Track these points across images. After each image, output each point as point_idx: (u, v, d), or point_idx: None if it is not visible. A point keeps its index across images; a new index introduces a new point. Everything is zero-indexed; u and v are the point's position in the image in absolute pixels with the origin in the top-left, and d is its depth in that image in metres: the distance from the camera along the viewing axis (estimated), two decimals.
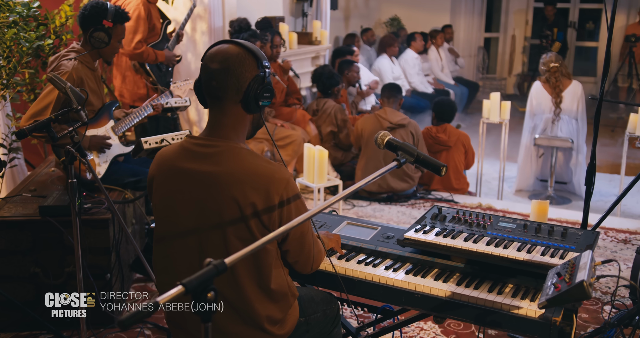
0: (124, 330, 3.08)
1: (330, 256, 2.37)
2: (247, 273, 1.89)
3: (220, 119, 1.92)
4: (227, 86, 1.85)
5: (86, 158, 2.67)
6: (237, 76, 1.85)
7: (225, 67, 1.84)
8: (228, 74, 1.84)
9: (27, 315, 3.20)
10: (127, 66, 4.63)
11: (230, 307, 1.91)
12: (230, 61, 1.85)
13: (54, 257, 3.21)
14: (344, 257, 2.38)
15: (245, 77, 1.85)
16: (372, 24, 11.01)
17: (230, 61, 1.85)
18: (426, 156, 1.86)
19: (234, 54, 1.86)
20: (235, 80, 1.85)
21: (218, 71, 1.85)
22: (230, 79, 1.85)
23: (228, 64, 1.84)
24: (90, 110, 3.46)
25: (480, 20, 11.71)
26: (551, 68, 5.90)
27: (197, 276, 1.26)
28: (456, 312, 2.12)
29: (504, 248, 2.22)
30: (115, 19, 3.44)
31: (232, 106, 1.89)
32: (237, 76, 1.85)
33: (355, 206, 5.34)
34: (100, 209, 3.24)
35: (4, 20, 3.72)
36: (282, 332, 1.98)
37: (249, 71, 1.85)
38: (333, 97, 5.99)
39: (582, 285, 1.68)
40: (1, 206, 3.30)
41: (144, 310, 1.17)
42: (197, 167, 1.89)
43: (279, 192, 1.85)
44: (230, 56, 1.85)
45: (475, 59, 11.69)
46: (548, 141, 6.07)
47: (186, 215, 1.91)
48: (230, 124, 1.92)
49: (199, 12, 5.75)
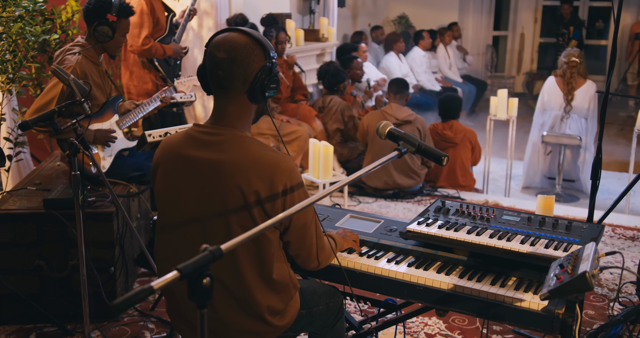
0: (118, 314, 3.06)
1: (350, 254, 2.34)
2: (249, 262, 1.88)
3: (225, 108, 1.90)
4: (234, 76, 1.83)
5: (89, 150, 2.67)
6: (245, 66, 1.82)
7: (233, 57, 1.82)
8: (235, 64, 1.82)
9: (31, 308, 3.22)
10: (134, 62, 4.64)
11: (232, 296, 1.90)
12: (237, 51, 1.82)
13: (58, 250, 3.21)
14: (345, 250, 2.36)
15: (252, 67, 1.83)
16: (380, 22, 10.99)
17: (238, 50, 1.82)
18: (428, 146, 1.85)
19: (241, 43, 1.83)
20: (242, 70, 1.82)
21: (225, 60, 1.82)
22: (238, 69, 1.82)
23: (235, 54, 1.82)
24: (94, 104, 3.47)
25: (489, 18, 11.66)
26: (570, 62, 5.83)
27: (192, 261, 1.25)
28: (458, 304, 2.10)
29: (507, 241, 2.20)
30: (120, 13, 3.44)
31: (238, 96, 1.88)
32: (245, 67, 1.82)
33: (361, 203, 5.33)
34: (104, 202, 3.24)
35: (10, 15, 3.73)
36: (282, 323, 1.97)
37: (256, 62, 1.83)
38: (339, 94, 5.97)
39: (584, 276, 1.66)
40: (6, 200, 3.31)
41: (138, 293, 1.16)
42: (202, 155, 1.88)
43: (283, 180, 1.84)
44: (237, 46, 1.82)
45: (484, 57, 11.64)
46: (556, 139, 6.03)
47: (190, 203, 1.90)
48: (236, 113, 1.90)
49: (206, 9, 5.75)
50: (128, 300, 1.15)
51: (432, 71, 9.34)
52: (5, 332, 3.22)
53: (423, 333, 3.27)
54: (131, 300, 1.15)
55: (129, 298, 1.15)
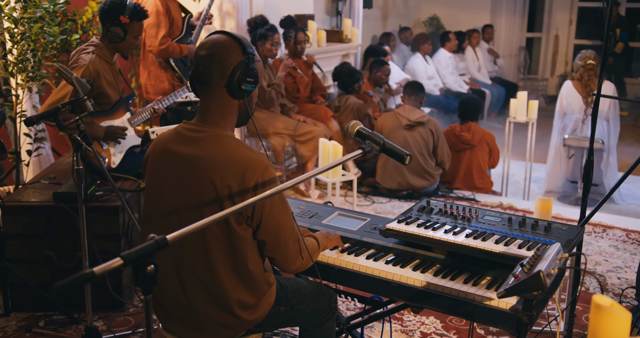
0: (59, 295, 3.20)
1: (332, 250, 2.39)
2: (221, 256, 1.95)
3: (208, 104, 2.01)
4: (212, 70, 1.95)
5: (92, 146, 2.79)
6: (222, 60, 1.94)
7: (212, 52, 1.95)
8: (213, 58, 1.94)
9: (41, 296, 3.36)
10: (152, 62, 4.77)
11: (204, 287, 1.98)
12: (215, 47, 1.95)
13: (67, 242, 3.35)
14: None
15: (229, 62, 1.94)
16: (412, 23, 10.97)
17: (216, 47, 1.95)
18: (392, 145, 1.89)
19: (220, 41, 1.96)
20: (219, 64, 1.94)
21: (204, 56, 1.96)
22: (216, 63, 1.94)
23: (214, 50, 1.95)
24: (107, 102, 3.60)
25: (522, 20, 11.52)
26: (587, 65, 5.76)
27: (136, 249, 1.33)
28: (430, 301, 2.13)
29: (482, 241, 2.22)
30: (133, 16, 3.56)
31: (218, 91, 1.98)
32: (222, 61, 1.94)
33: (374, 203, 5.37)
34: (111, 196, 3.37)
35: (31, 16, 3.89)
36: (252, 317, 2.04)
37: (233, 57, 1.94)
38: (354, 94, 6.02)
39: (538, 275, 1.68)
40: (20, 192, 3.47)
41: (79, 277, 1.24)
42: (184, 150, 1.98)
43: (255, 177, 1.91)
44: (216, 43, 1.96)
45: (516, 59, 11.51)
46: (578, 142, 5.96)
47: (170, 195, 2.00)
48: (218, 109, 2.00)
49: (228, 10, 5.87)
50: (68, 283, 1.23)
51: (460, 73, 9.29)
52: (17, 318, 3.37)
53: (419, 332, 3.30)
54: (72, 283, 1.23)
55: (69, 281, 1.23)
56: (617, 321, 1.35)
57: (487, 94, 9.19)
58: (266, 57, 5.43)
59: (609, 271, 4.09)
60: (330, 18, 8.13)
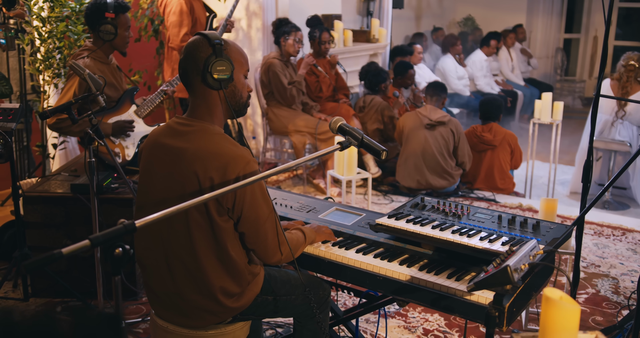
0: (27, 274, 3.45)
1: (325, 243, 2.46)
2: (205, 244, 2.04)
3: (194, 101, 2.13)
4: (189, 69, 2.07)
5: (103, 140, 2.91)
6: (195, 58, 2.06)
7: (186, 54, 2.09)
8: (189, 59, 2.07)
9: (58, 284, 3.51)
10: (176, 60, 4.90)
11: (190, 274, 2.07)
12: (188, 48, 2.09)
13: (83, 231, 3.50)
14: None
15: (200, 57, 2.05)
16: (446, 23, 10.93)
17: (188, 47, 2.09)
18: (370, 140, 1.95)
19: (192, 41, 2.09)
20: (193, 62, 2.06)
21: (182, 59, 2.10)
22: (189, 62, 2.07)
23: (187, 51, 2.09)
24: (109, 101, 3.70)
25: (560, 21, 11.34)
26: (628, 66, 5.66)
27: (104, 233, 1.42)
28: (414, 295, 2.18)
29: (467, 237, 2.25)
30: (117, 9, 3.59)
31: (199, 87, 2.09)
32: (195, 58, 2.06)
33: (393, 201, 5.40)
34: (125, 189, 3.50)
35: (58, 15, 4.06)
36: (236, 305, 2.12)
37: (202, 51, 2.05)
38: (381, 94, 6.05)
39: (505, 270, 1.71)
40: (41, 183, 3.63)
41: (48, 257, 1.34)
42: (172, 143, 2.09)
43: (237, 170, 2.00)
44: (189, 44, 2.10)
45: (553, 60, 11.34)
46: (605, 144, 5.87)
47: (157, 186, 2.10)
48: (203, 104, 2.11)
49: (254, 10, 5.98)
50: (37, 262, 1.33)
51: (493, 74, 9.21)
52: (36, 303, 3.54)
53: (421, 328, 3.34)
54: (40, 262, 1.33)
55: (38, 260, 1.33)
56: (566, 314, 1.38)
57: (519, 96, 9.09)
58: (289, 54, 5.51)
59: (623, 274, 4.04)
60: (362, 18, 8.18)
